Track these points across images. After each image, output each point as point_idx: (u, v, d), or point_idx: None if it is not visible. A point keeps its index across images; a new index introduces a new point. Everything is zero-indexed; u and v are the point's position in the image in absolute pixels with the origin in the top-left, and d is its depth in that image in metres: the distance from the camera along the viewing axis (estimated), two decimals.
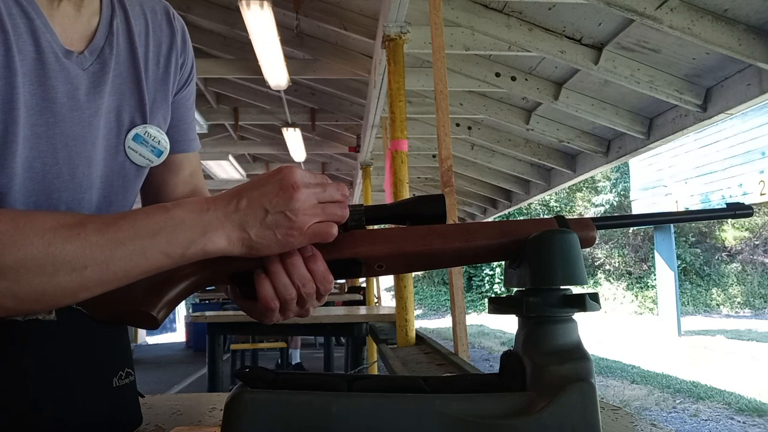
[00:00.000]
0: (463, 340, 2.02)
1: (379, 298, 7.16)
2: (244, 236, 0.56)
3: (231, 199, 0.57)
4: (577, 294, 0.56)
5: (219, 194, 0.59)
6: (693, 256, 17.30)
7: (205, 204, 0.57)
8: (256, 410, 0.54)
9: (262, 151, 8.14)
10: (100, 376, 0.67)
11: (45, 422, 0.62)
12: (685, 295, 16.00)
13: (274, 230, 0.56)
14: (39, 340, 0.63)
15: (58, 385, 0.63)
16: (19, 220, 0.52)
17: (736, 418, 5.23)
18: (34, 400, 0.61)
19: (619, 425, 0.74)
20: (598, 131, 5.04)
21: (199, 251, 0.56)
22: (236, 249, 0.57)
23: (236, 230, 0.56)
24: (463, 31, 3.45)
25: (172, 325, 15.14)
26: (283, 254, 0.59)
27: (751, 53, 2.90)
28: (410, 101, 4.54)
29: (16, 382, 0.61)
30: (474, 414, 0.54)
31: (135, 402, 0.74)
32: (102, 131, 0.71)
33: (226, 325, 3.65)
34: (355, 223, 0.63)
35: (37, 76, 0.63)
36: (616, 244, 18.56)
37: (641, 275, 18.01)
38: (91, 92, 0.69)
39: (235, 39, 4.93)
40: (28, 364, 0.62)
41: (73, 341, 0.65)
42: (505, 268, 0.64)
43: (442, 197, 0.65)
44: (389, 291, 13.88)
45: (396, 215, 0.65)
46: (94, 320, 0.64)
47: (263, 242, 0.57)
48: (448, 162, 2.02)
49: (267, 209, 0.56)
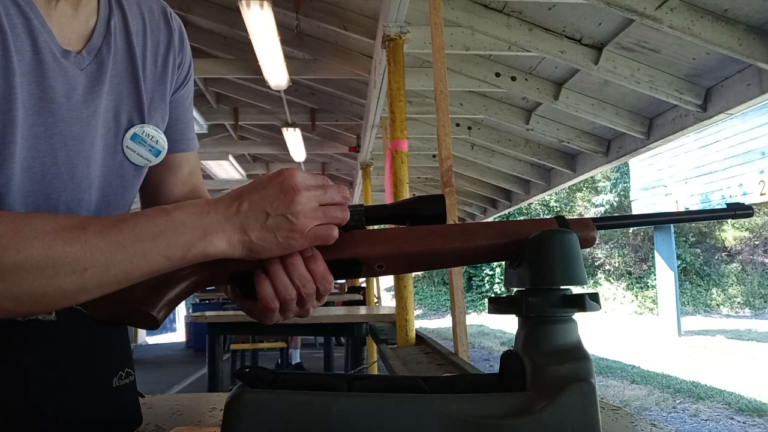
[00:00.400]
0: (463, 340, 2.02)
1: (379, 298, 7.16)
2: (245, 239, 0.56)
3: (232, 202, 0.57)
4: (577, 294, 0.56)
5: (220, 197, 0.59)
6: (693, 256, 17.30)
7: (205, 206, 0.57)
8: (256, 410, 0.54)
9: (262, 151, 8.14)
10: (100, 376, 0.67)
11: (45, 422, 0.62)
12: (685, 295, 16.01)
13: (275, 233, 0.56)
14: (39, 340, 0.63)
15: (58, 385, 0.63)
16: (19, 223, 0.52)
17: (736, 418, 5.23)
18: (34, 400, 0.61)
19: (619, 425, 0.74)
20: (598, 131, 5.04)
21: (199, 254, 0.56)
22: (237, 252, 0.57)
23: (237, 233, 0.56)
24: (463, 31, 3.45)
25: (172, 325, 15.15)
26: (283, 255, 0.59)
27: (751, 53, 2.90)
28: (410, 101, 4.54)
29: (16, 382, 0.61)
30: (474, 414, 0.54)
31: (135, 402, 0.74)
32: (100, 131, 0.71)
33: (226, 325, 3.65)
34: (355, 223, 0.63)
35: (35, 76, 0.63)
36: (616, 244, 18.56)
37: (641, 275, 18.01)
38: (88, 92, 0.69)
39: (235, 39, 4.93)
40: (28, 364, 0.62)
41: (73, 341, 0.65)
42: (505, 268, 0.64)
43: (442, 197, 0.65)
44: (389, 291, 13.88)
45: (396, 215, 0.65)
46: (94, 320, 0.64)
47: (264, 245, 0.57)
48: (448, 162, 2.02)
49: (268, 212, 0.56)
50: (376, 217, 0.64)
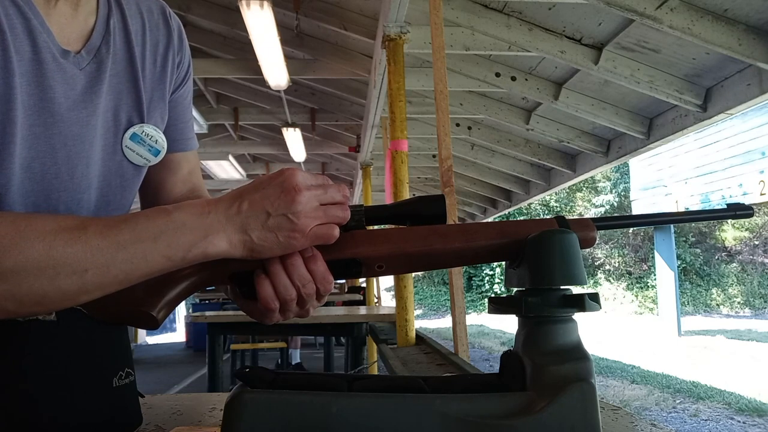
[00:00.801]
0: (463, 340, 2.02)
1: (379, 298, 7.16)
2: (246, 239, 0.56)
3: (232, 202, 0.57)
4: (577, 294, 0.56)
5: (220, 197, 0.59)
6: (693, 256, 17.30)
7: (206, 207, 0.57)
8: (256, 410, 0.54)
9: (262, 151, 8.14)
10: (99, 376, 0.67)
11: (45, 422, 0.62)
12: (685, 295, 16.01)
13: (276, 233, 0.56)
14: (39, 340, 0.63)
15: (58, 385, 0.63)
16: (20, 223, 0.52)
17: (736, 418, 5.23)
18: (34, 400, 0.61)
19: (619, 425, 0.74)
20: (598, 131, 5.04)
21: (200, 254, 0.56)
22: (237, 251, 0.57)
23: (238, 233, 0.56)
24: (463, 31, 3.45)
25: (172, 325, 15.15)
26: (284, 255, 0.59)
27: (751, 53, 2.90)
28: (410, 101, 4.54)
29: (16, 381, 0.61)
30: (474, 414, 0.54)
31: (135, 402, 0.74)
32: (99, 131, 0.71)
33: (226, 325, 3.65)
34: (355, 223, 0.63)
35: (35, 77, 0.63)
36: (616, 244, 18.57)
37: (641, 275, 18.01)
38: (88, 92, 0.68)
39: (235, 39, 4.93)
40: (28, 363, 0.62)
41: (73, 341, 0.65)
42: (506, 268, 0.64)
43: (442, 197, 0.65)
44: (389, 291, 13.88)
45: (396, 215, 0.65)
46: (94, 320, 0.64)
47: (265, 245, 0.57)
48: (448, 162, 2.02)
49: (269, 212, 0.56)
50: (376, 217, 0.64)
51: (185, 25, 0.88)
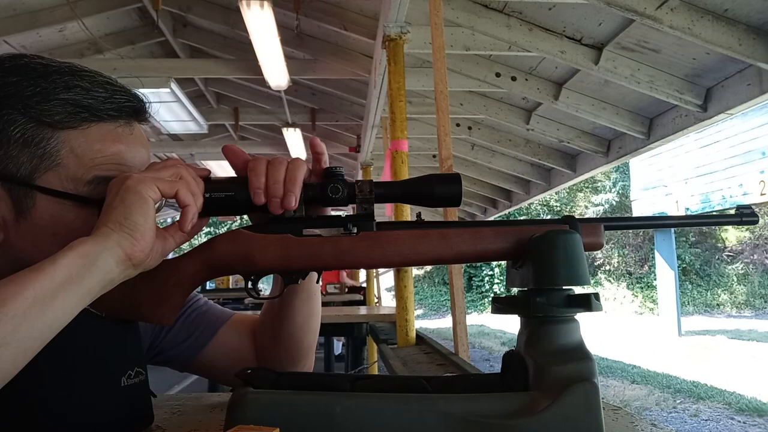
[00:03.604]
0: (463, 340, 2.01)
1: (379, 298, 7.16)
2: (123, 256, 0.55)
3: (98, 228, 0.56)
4: (583, 294, 0.56)
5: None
6: (693, 256, 17.29)
7: (82, 241, 0.54)
8: (260, 411, 0.54)
9: (262, 151, 8.13)
10: (108, 376, 0.68)
11: (52, 420, 0.62)
12: (685, 295, 16.00)
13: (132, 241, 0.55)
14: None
15: (66, 384, 0.63)
16: None
17: (736, 418, 5.23)
18: (42, 399, 0.62)
19: (620, 425, 0.74)
20: (598, 131, 5.04)
21: (107, 282, 0.55)
22: (130, 270, 0.56)
23: (118, 250, 0.55)
24: (463, 31, 3.45)
25: None
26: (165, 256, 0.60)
27: (751, 53, 2.90)
28: (410, 101, 4.53)
29: (25, 380, 0.61)
30: (477, 414, 0.53)
31: (145, 401, 0.74)
32: None
33: None
34: (363, 197, 0.61)
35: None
36: (617, 244, 18.55)
37: (642, 275, 18.00)
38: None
39: (235, 39, 4.93)
40: (38, 362, 0.62)
41: (82, 340, 0.65)
42: (507, 268, 0.64)
43: (457, 177, 0.62)
44: (389, 291, 13.87)
45: (407, 194, 0.62)
46: (104, 319, 0.65)
47: (141, 256, 0.56)
48: (448, 162, 2.02)
49: (110, 225, 0.55)
50: (385, 195, 0.62)
51: (185, 25, 0.87)
